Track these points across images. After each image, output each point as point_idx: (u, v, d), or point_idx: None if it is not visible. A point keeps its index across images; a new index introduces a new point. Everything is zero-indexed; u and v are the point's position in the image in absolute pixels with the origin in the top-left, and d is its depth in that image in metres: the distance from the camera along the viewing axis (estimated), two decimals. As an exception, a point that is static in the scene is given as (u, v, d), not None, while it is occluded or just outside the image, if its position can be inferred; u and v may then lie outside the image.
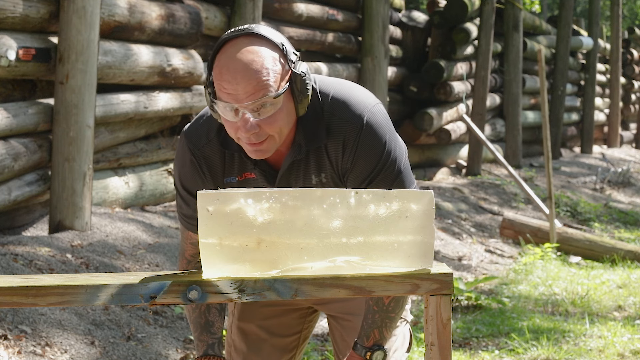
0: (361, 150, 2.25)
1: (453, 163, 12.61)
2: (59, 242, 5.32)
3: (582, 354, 4.93)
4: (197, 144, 2.31)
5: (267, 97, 2.12)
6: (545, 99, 8.14)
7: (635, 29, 22.26)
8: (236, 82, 2.11)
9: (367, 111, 2.25)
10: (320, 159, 2.28)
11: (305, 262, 1.85)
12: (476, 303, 6.02)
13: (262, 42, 2.15)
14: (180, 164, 2.36)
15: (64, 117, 5.61)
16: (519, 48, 13.40)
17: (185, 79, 6.95)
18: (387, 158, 2.26)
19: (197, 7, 7.21)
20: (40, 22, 5.56)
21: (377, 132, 2.25)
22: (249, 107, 2.12)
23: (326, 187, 2.31)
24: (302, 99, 2.20)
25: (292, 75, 2.18)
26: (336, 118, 2.25)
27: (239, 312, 2.65)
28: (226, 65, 2.13)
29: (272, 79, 2.13)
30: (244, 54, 2.13)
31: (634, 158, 18.27)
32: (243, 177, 2.31)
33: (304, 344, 2.71)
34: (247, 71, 2.11)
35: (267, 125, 2.15)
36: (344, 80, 2.36)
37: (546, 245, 7.83)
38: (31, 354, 3.97)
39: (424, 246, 1.86)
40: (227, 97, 2.13)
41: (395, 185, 2.26)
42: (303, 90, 2.19)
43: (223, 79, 2.13)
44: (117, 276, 1.89)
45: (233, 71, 2.12)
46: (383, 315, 2.35)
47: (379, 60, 9.79)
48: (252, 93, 2.11)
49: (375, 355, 2.38)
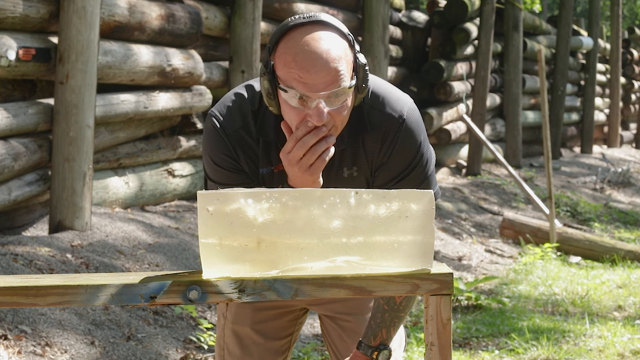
0: (399, 146, 2.23)
1: (453, 163, 12.62)
2: (59, 242, 5.32)
3: (582, 354, 4.93)
4: (232, 125, 2.23)
5: (342, 87, 2.08)
6: (545, 99, 8.14)
7: (635, 29, 22.26)
8: (315, 70, 2.05)
9: (407, 108, 2.25)
10: (356, 151, 2.26)
11: (305, 262, 1.85)
12: (476, 303, 6.02)
13: (333, 30, 2.11)
14: (212, 148, 2.24)
15: (64, 117, 5.61)
16: (519, 48, 13.40)
17: (185, 79, 6.95)
18: (421, 158, 2.26)
19: (197, 7, 7.21)
20: (40, 22, 5.56)
21: (415, 130, 2.25)
22: (324, 97, 2.08)
23: (357, 180, 2.28)
24: (363, 89, 2.16)
25: (355, 66, 2.14)
26: (377, 112, 2.23)
27: (232, 315, 2.62)
28: (301, 52, 2.06)
29: (346, 69, 2.09)
30: (319, 42, 2.07)
31: (634, 158, 18.27)
32: (279, 168, 2.25)
33: (292, 346, 2.71)
34: (327, 60, 2.05)
35: (336, 115, 2.12)
36: (379, 77, 2.34)
37: (546, 245, 7.83)
38: (31, 354, 3.97)
39: (424, 246, 1.86)
40: (302, 87, 2.06)
41: (422, 187, 2.24)
42: (365, 81, 2.16)
43: (297, 66, 2.06)
44: (117, 276, 1.89)
45: (311, 59, 2.05)
46: (393, 314, 2.35)
47: (379, 60, 9.79)
48: (330, 83, 2.06)
49: (381, 354, 2.37)
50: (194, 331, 4.74)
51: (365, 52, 9.87)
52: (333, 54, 2.06)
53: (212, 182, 2.28)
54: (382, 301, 2.34)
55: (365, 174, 2.28)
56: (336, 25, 2.12)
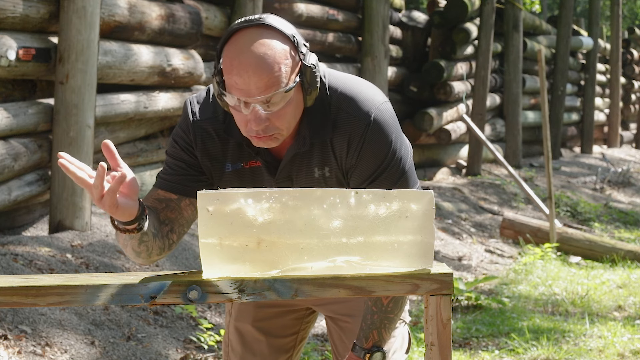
0: (367, 147, 2.22)
1: (453, 163, 12.61)
2: (59, 242, 5.32)
3: (582, 354, 4.93)
4: (202, 115, 2.27)
5: (278, 91, 2.09)
6: (545, 99, 8.14)
7: (635, 29, 22.26)
8: (247, 76, 2.07)
9: (374, 108, 2.23)
10: (324, 153, 2.26)
11: (305, 262, 1.85)
12: (476, 303, 6.02)
13: (273, 34, 2.11)
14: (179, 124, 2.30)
15: (64, 117, 5.61)
16: (519, 48, 13.40)
17: (186, 79, 6.95)
18: (392, 157, 2.24)
19: (197, 7, 7.21)
20: (40, 22, 5.56)
21: (384, 130, 2.23)
22: (259, 101, 2.09)
23: (329, 181, 2.29)
24: (311, 91, 2.17)
25: (302, 67, 2.14)
26: (343, 113, 2.22)
27: (235, 312, 2.64)
28: (237, 57, 2.08)
29: (284, 73, 2.09)
30: (255, 46, 2.08)
31: (634, 158, 18.27)
32: (249, 164, 2.27)
33: (301, 344, 2.70)
34: (259, 65, 2.07)
35: (276, 119, 2.13)
36: (354, 75, 2.33)
37: (546, 245, 7.83)
38: (31, 354, 3.97)
39: (424, 246, 1.86)
40: (238, 92, 2.09)
41: (398, 185, 2.24)
42: (312, 82, 2.16)
43: (233, 72, 2.08)
44: (117, 276, 1.89)
45: (245, 65, 2.07)
46: (382, 316, 2.35)
47: (379, 60, 9.79)
48: (263, 88, 2.08)
49: (374, 356, 2.37)
50: (194, 331, 4.74)
51: (366, 52, 9.87)
52: (268, 59, 2.08)
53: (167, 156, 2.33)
54: (370, 303, 2.34)
55: (337, 175, 2.28)
56: (279, 27, 2.12)
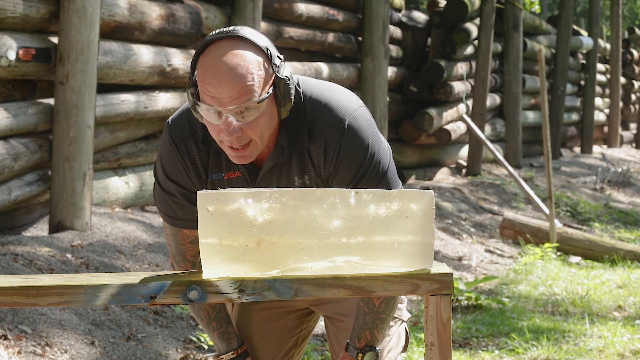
0: (343, 154, 2.24)
1: (453, 163, 12.62)
2: (59, 242, 5.32)
3: (582, 354, 4.93)
4: (180, 134, 2.29)
5: (251, 101, 2.12)
6: (545, 99, 8.14)
7: (635, 29, 22.26)
8: (220, 85, 2.10)
9: (348, 115, 2.24)
10: (302, 162, 2.28)
11: (305, 262, 1.85)
12: (476, 303, 6.02)
13: (246, 45, 2.14)
14: (164, 156, 2.32)
15: (64, 117, 5.61)
16: (519, 48, 13.40)
17: (186, 79, 6.95)
18: (371, 162, 2.25)
19: (197, 7, 7.21)
20: (40, 22, 5.56)
21: (359, 136, 2.24)
22: (232, 111, 2.12)
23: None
24: (285, 103, 2.19)
25: (275, 80, 2.17)
26: (317, 122, 2.24)
27: (235, 315, 2.64)
28: (210, 68, 2.12)
29: (257, 84, 2.12)
30: (228, 57, 2.12)
31: (634, 158, 18.27)
32: (228, 175, 2.30)
33: (303, 344, 2.71)
34: (232, 75, 2.10)
35: (249, 129, 2.15)
36: (328, 82, 2.34)
37: (546, 245, 7.83)
38: (31, 354, 3.97)
39: (424, 246, 1.87)
40: (211, 100, 2.12)
41: (380, 188, 2.25)
42: (286, 94, 2.18)
43: (207, 82, 2.11)
44: (117, 276, 1.89)
45: (218, 75, 2.10)
46: (374, 316, 2.35)
47: (379, 60, 9.79)
48: (236, 97, 2.11)
49: (366, 356, 2.38)
50: (194, 331, 4.74)
51: (366, 52, 9.87)
52: (241, 69, 2.11)
53: (161, 189, 2.34)
54: (362, 304, 2.35)
55: (317, 183, 2.30)
56: (253, 39, 2.15)
